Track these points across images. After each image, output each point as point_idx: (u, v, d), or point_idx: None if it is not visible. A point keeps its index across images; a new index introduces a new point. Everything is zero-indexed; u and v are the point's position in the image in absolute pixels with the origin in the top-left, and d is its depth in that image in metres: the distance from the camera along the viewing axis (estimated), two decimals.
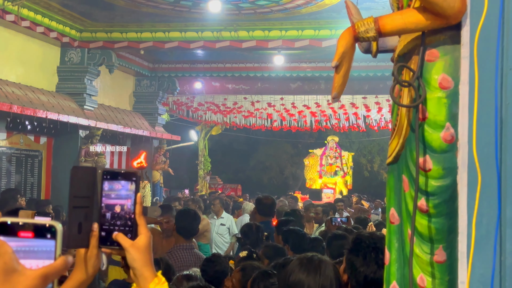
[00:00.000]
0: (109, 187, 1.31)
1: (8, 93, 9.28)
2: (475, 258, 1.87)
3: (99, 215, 1.31)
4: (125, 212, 1.31)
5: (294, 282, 2.33)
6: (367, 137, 25.16)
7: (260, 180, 27.66)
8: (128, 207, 1.31)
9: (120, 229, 1.31)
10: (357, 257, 2.40)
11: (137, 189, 1.31)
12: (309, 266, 2.34)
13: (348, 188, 18.42)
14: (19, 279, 0.95)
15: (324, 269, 2.34)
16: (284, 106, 15.67)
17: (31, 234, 1.02)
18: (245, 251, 4.60)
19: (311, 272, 2.32)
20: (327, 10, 9.85)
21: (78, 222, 1.29)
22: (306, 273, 2.33)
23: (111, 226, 1.31)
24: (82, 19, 10.87)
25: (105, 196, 1.30)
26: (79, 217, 1.29)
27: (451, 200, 2.00)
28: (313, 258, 2.38)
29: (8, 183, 10.16)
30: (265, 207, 6.43)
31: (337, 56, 2.13)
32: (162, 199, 13.72)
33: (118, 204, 1.31)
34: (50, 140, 11.33)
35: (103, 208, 1.30)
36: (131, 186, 1.31)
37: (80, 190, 1.30)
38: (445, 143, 2.01)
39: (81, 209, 1.30)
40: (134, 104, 14.55)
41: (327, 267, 2.37)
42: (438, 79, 2.04)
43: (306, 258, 2.38)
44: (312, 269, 2.33)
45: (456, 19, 1.98)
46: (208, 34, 10.99)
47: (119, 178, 1.31)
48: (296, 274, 2.33)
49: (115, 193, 1.30)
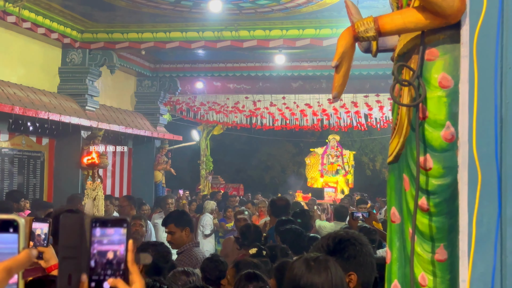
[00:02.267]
0: (100, 234, 1.26)
1: (10, 94, 9.29)
2: (476, 256, 1.88)
3: (89, 264, 1.25)
4: (117, 260, 1.26)
5: (307, 285, 2.24)
6: (369, 136, 25.14)
7: (262, 180, 27.66)
8: (120, 254, 1.26)
9: (112, 278, 1.26)
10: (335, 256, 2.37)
11: (128, 235, 1.27)
12: (318, 267, 2.26)
13: (350, 187, 18.37)
14: None
15: (334, 268, 2.27)
16: (286, 105, 15.66)
17: None
18: (255, 248, 4.61)
19: (322, 273, 2.24)
20: (328, 9, 9.85)
21: (67, 273, 1.24)
22: (317, 275, 2.24)
23: (101, 276, 1.26)
24: (83, 20, 10.87)
25: (96, 243, 1.25)
26: (68, 268, 1.25)
27: (452, 199, 2.01)
28: (319, 258, 2.30)
29: (11, 184, 10.17)
30: (279, 209, 6.38)
31: (337, 56, 2.14)
32: None
33: (109, 251, 1.26)
34: (52, 141, 11.34)
35: (93, 257, 1.25)
36: (123, 231, 1.26)
37: (69, 240, 1.26)
38: (445, 142, 2.02)
39: (70, 259, 1.25)
40: (135, 104, 14.56)
41: (335, 265, 2.29)
42: (438, 78, 2.05)
43: (313, 259, 2.30)
44: (322, 269, 2.24)
45: (455, 18, 1.98)
46: (209, 34, 10.99)
47: (108, 226, 1.26)
48: (307, 277, 2.24)
49: (106, 239, 1.26)
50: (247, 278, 3.29)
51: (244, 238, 5.62)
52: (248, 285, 3.24)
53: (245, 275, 3.32)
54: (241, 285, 3.29)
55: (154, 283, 2.97)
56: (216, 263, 4.26)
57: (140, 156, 14.38)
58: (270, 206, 6.53)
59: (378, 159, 27.32)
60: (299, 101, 15.54)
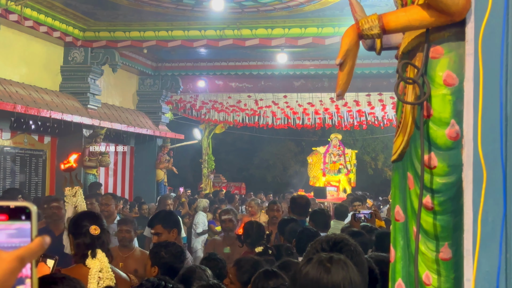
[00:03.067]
0: None
1: (12, 93, 9.29)
2: (480, 255, 1.87)
3: None
4: None
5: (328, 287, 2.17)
6: (371, 135, 25.11)
7: (264, 178, 27.64)
8: None
9: None
10: None
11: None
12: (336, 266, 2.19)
13: (352, 186, 18.33)
14: None
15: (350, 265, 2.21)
16: (288, 104, 15.66)
17: (5, 217, 0.99)
18: (261, 247, 4.59)
19: (341, 271, 2.16)
20: (330, 8, 9.84)
21: None
22: (336, 274, 2.16)
23: None
24: (85, 18, 10.88)
25: None
26: None
27: (456, 198, 2.00)
28: (334, 258, 2.23)
29: (13, 182, 10.18)
30: (299, 207, 6.34)
31: (341, 53, 2.13)
32: None
33: None
34: (54, 140, 11.35)
35: None
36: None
37: None
38: (450, 140, 2.01)
39: None
40: (137, 103, 14.56)
41: (349, 262, 2.23)
42: (442, 76, 2.04)
43: (327, 260, 2.22)
44: (340, 268, 2.17)
45: (460, 16, 1.97)
46: (211, 33, 10.98)
47: None
48: (327, 279, 2.12)
49: None
50: (265, 276, 3.19)
51: (246, 236, 5.60)
52: (268, 282, 3.14)
53: (263, 273, 3.22)
54: (260, 283, 3.18)
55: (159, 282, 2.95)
56: (215, 262, 4.24)
57: (142, 155, 14.38)
58: (290, 204, 6.51)
59: (380, 158, 27.28)
60: (301, 100, 15.54)
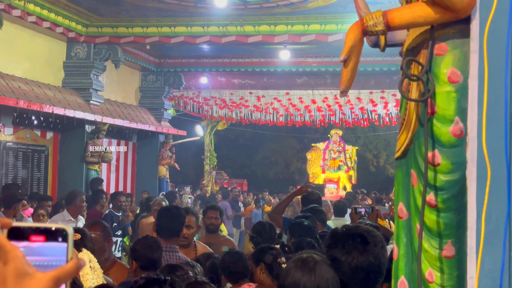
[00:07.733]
0: None
1: (14, 88, 9.30)
2: (484, 253, 1.86)
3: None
4: None
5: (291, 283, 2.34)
6: (373, 132, 25.09)
7: (266, 175, 27.64)
8: None
9: None
10: (336, 248, 2.39)
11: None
12: (304, 267, 2.34)
13: (353, 183, 18.18)
14: (31, 283, 0.95)
15: (322, 271, 2.33)
16: (290, 101, 15.65)
17: (43, 238, 1.01)
18: (277, 245, 4.60)
19: (307, 273, 2.32)
20: (334, 5, 9.81)
21: None
22: (301, 274, 2.33)
23: None
24: (88, 14, 10.87)
25: None
26: None
27: (460, 195, 1.99)
28: (307, 259, 2.38)
29: (15, 178, 10.19)
30: (312, 203, 6.38)
31: (345, 50, 2.12)
32: None
33: None
34: (57, 135, 11.36)
35: None
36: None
37: None
38: (454, 138, 2.00)
39: None
40: (140, 99, 14.56)
41: (325, 268, 2.36)
42: (447, 73, 2.03)
43: (301, 259, 2.36)
44: (307, 270, 2.33)
45: (465, 12, 1.96)
46: (214, 29, 10.97)
47: None
48: (292, 275, 2.33)
49: None
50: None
51: (259, 236, 5.59)
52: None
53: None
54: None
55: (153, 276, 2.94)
56: (237, 255, 4.23)
57: (144, 151, 14.39)
58: (302, 201, 6.58)
59: (382, 155, 27.27)
60: (304, 96, 15.52)
